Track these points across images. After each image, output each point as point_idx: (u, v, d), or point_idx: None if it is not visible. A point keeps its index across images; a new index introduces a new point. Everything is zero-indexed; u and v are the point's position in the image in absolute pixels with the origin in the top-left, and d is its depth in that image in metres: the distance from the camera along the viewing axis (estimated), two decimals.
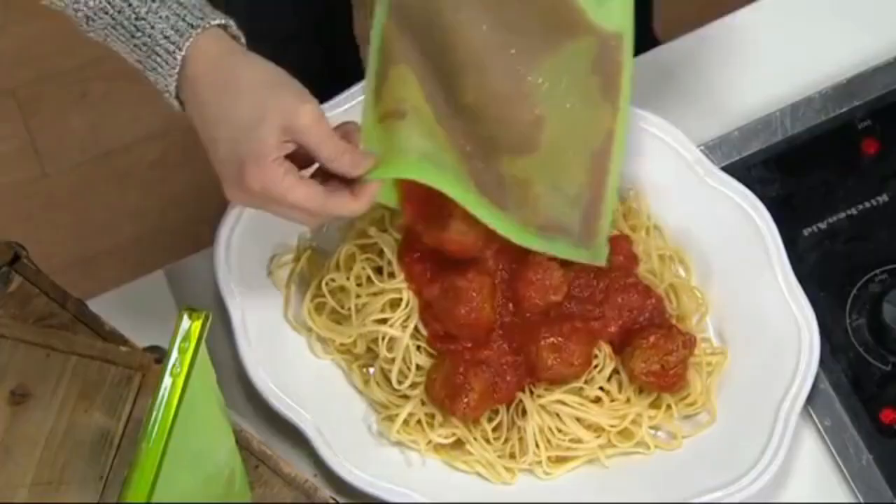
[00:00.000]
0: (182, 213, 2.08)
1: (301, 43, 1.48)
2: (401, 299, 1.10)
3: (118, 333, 1.03)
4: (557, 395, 1.09)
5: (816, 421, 1.12)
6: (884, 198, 1.20)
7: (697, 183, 1.16)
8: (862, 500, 1.10)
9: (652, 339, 1.09)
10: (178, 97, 0.97)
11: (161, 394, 0.75)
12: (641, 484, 1.08)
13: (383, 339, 1.10)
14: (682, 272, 1.16)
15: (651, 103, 1.18)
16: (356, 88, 1.17)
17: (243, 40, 0.99)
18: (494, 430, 1.10)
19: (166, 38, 0.95)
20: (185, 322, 0.76)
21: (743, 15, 1.28)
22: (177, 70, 0.95)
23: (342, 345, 1.12)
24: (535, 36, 1.08)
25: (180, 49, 0.95)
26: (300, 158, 0.96)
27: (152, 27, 0.95)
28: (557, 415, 1.09)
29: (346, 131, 1.00)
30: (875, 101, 1.22)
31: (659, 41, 1.31)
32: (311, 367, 1.11)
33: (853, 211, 1.19)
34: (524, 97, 1.08)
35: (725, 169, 1.17)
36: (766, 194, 1.16)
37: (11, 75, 2.20)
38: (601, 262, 1.10)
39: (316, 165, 0.98)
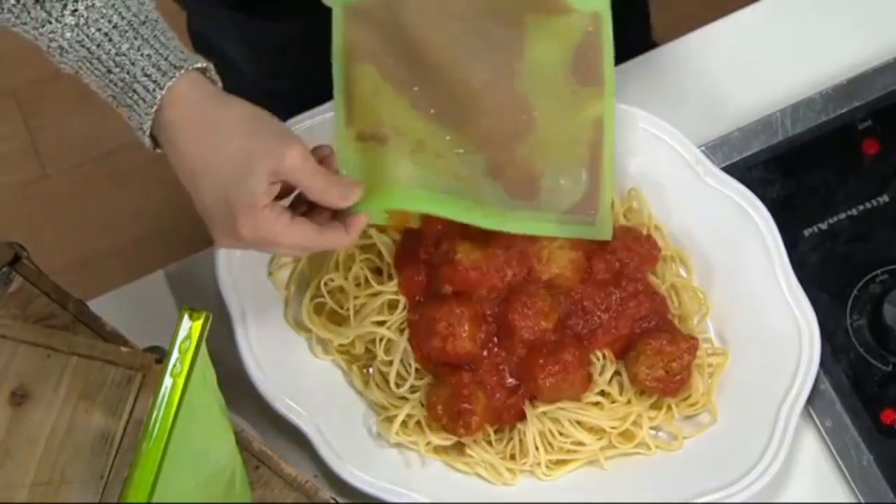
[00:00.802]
0: (182, 214, 2.07)
1: (290, 52, 1.48)
2: (398, 301, 1.10)
3: (119, 334, 1.03)
4: (557, 403, 1.09)
5: (817, 421, 1.12)
6: (884, 198, 1.20)
7: (698, 183, 1.16)
8: (863, 501, 1.09)
9: (656, 344, 1.09)
10: (151, 135, 0.96)
11: (161, 394, 0.75)
12: (642, 484, 1.08)
13: (381, 341, 1.10)
14: (682, 273, 1.16)
15: (651, 103, 1.18)
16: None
17: (220, 84, 0.99)
18: (495, 432, 1.10)
19: (147, 75, 0.94)
20: (186, 322, 0.76)
21: (743, 15, 1.28)
22: (154, 109, 0.94)
23: (341, 345, 1.12)
24: (510, 19, 1.09)
25: (161, 88, 0.94)
26: (282, 190, 0.96)
27: (132, 63, 0.94)
28: (557, 419, 1.09)
29: (322, 156, 1.00)
30: (875, 102, 1.22)
31: (657, 43, 1.31)
32: (312, 368, 1.11)
33: (854, 211, 1.19)
34: (510, 84, 1.09)
35: (726, 169, 1.17)
36: (766, 195, 1.16)
37: (12, 76, 2.20)
38: (607, 237, 1.11)
39: (296, 192, 0.98)
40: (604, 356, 1.11)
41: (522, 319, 1.08)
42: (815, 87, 1.23)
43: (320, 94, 1.18)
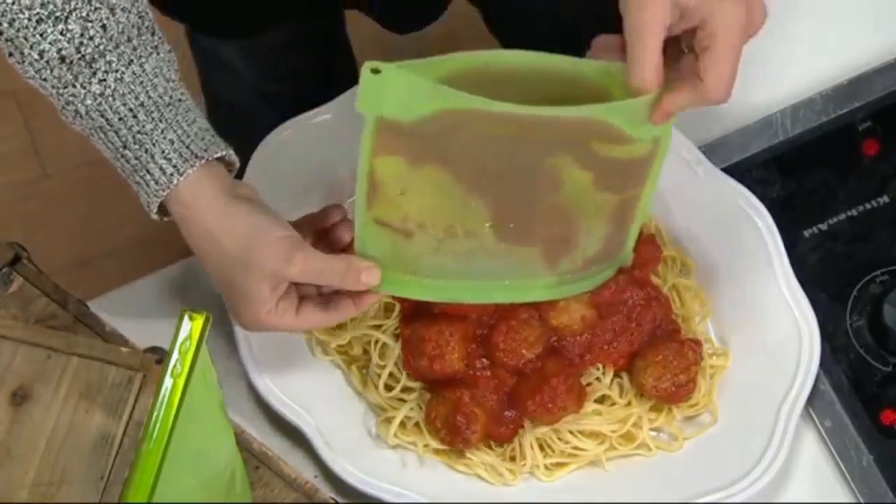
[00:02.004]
0: None
1: (289, 56, 1.48)
2: (395, 305, 1.10)
3: (119, 334, 1.03)
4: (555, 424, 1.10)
5: (817, 422, 1.12)
6: (884, 199, 1.20)
7: (698, 184, 1.16)
8: (863, 502, 1.09)
9: (663, 357, 1.09)
10: (160, 209, 0.96)
11: (162, 395, 0.75)
12: (642, 485, 1.08)
13: (376, 344, 1.10)
14: (683, 274, 1.16)
15: None
16: (348, 94, 1.17)
17: (237, 166, 0.99)
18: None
19: (167, 159, 0.93)
20: (186, 323, 0.76)
21: None
22: (166, 192, 0.93)
23: (340, 346, 1.12)
24: (575, 146, 0.98)
25: (180, 174, 0.93)
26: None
27: (153, 144, 0.93)
28: (557, 428, 1.09)
29: (332, 223, 1.02)
30: (876, 103, 1.22)
31: None
32: (312, 369, 1.11)
33: (854, 212, 1.19)
34: (553, 183, 1.00)
35: (726, 170, 1.17)
36: (766, 195, 1.16)
37: (13, 76, 2.19)
38: (627, 263, 1.09)
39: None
40: (603, 366, 1.11)
41: (505, 343, 1.08)
42: (816, 87, 1.23)
43: (317, 96, 1.18)
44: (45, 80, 0.92)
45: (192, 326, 0.76)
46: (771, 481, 1.07)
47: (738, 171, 1.18)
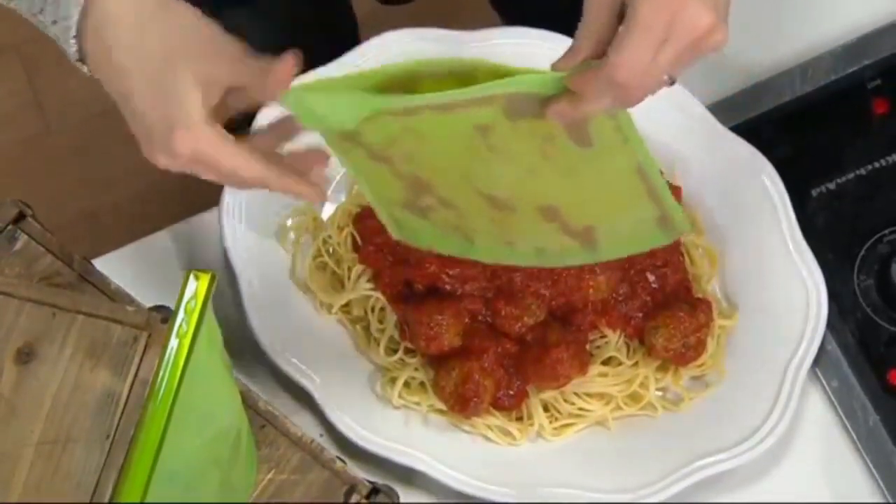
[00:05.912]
0: None
1: (297, 4, 1.47)
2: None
3: (124, 292, 1.03)
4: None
5: (824, 382, 1.12)
6: (893, 158, 1.19)
7: (705, 143, 1.15)
8: (868, 461, 1.09)
9: (676, 319, 1.08)
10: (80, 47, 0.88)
11: (167, 354, 0.74)
12: (649, 445, 1.08)
13: (374, 310, 1.10)
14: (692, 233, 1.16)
15: None
16: (351, 53, 1.16)
17: None
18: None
19: None
20: (192, 282, 0.76)
21: None
22: None
23: (343, 306, 1.12)
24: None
25: None
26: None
27: None
28: (563, 390, 1.09)
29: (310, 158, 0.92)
30: (885, 61, 1.21)
31: None
32: (318, 328, 1.11)
33: (862, 171, 1.19)
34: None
35: (734, 129, 1.16)
36: (774, 154, 1.16)
37: (15, 31, 2.18)
38: (687, 230, 1.07)
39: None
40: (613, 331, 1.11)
41: (506, 310, 1.08)
42: (824, 45, 1.22)
43: (317, 51, 1.17)
44: None
45: (197, 286, 0.76)
46: (777, 441, 1.07)
47: (745, 130, 1.17)
